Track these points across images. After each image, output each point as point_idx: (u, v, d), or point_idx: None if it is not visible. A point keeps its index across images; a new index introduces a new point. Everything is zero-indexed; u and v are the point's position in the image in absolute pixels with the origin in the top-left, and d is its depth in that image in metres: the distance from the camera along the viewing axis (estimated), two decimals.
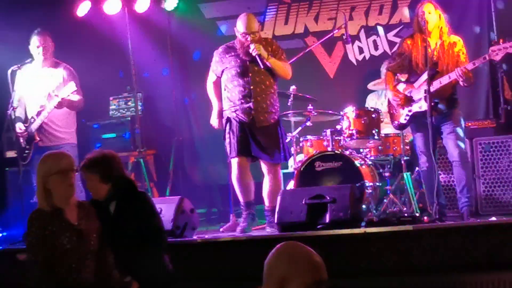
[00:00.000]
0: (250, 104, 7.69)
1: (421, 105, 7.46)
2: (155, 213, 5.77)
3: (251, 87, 7.70)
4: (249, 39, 7.65)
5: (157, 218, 5.76)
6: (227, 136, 7.77)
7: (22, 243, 8.07)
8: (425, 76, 7.38)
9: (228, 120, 7.79)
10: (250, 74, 7.69)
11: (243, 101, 7.72)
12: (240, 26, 7.75)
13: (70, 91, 8.10)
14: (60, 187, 5.03)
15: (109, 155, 5.67)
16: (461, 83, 7.33)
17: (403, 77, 7.94)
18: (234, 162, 7.73)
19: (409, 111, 7.58)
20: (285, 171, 8.71)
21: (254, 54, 7.61)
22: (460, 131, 7.44)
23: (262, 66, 7.66)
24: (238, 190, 7.79)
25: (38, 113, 8.28)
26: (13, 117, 8.31)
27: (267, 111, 7.78)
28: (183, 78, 11.12)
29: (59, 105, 8.17)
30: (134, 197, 5.66)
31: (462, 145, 7.46)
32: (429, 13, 7.43)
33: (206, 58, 8.51)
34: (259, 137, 7.73)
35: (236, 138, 7.68)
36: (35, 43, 8.39)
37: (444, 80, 7.31)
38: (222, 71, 7.86)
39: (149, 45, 10.85)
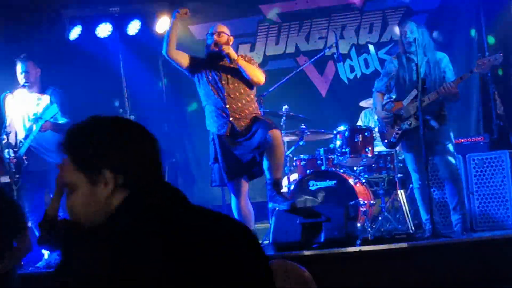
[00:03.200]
0: (227, 113, 7.42)
1: (410, 122, 7.49)
2: None
3: (224, 94, 7.44)
4: (215, 38, 7.53)
5: None
6: (213, 161, 7.54)
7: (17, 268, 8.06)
8: (413, 94, 7.41)
9: (212, 141, 7.58)
10: (223, 82, 7.46)
11: (219, 113, 7.46)
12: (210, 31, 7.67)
13: (53, 114, 8.07)
14: None
15: None
16: (448, 98, 7.40)
17: (393, 96, 7.98)
18: (230, 187, 7.63)
19: (399, 129, 7.61)
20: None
21: (223, 53, 7.42)
22: (450, 148, 7.47)
23: (230, 62, 7.42)
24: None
25: (26, 137, 8.26)
26: (5, 142, 8.30)
27: (248, 118, 7.46)
28: (176, 99, 11.15)
29: (44, 128, 8.15)
30: None
31: (453, 162, 7.48)
32: (411, 32, 7.47)
33: None
34: (241, 142, 7.42)
35: (223, 163, 7.45)
36: (18, 70, 8.39)
37: (432, 96, 7.34)
38: (196, 70, 7.64)
39: (141, 68, 10.86)
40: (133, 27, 10.24)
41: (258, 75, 7.48)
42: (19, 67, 8.37)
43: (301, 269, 3.04)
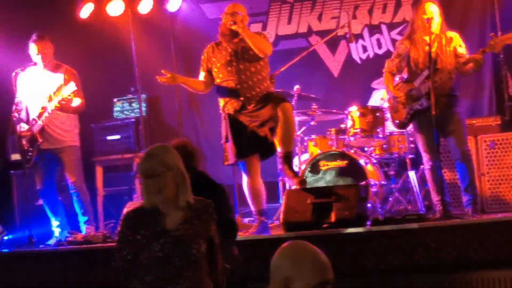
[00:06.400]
0: (238, 92, 7.46)
1: (421, 103, 7.45)
2: (229, 206, 5.71)
3: (236, 75, 7.48)
4: (229, 18, 7.55)
5: (231, 212, 5.71)
6: (225, 140, 7.57)
7: (27, 245, 8.10)
8: (424, 74, 7.37)
9: (224, 120, 7.60)
10: (234, 64, 7.51)
11: (231, 91, 7.51)
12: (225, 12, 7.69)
13: (71, 91, 8.06)
14: (148, 190, 4.49)
15: (191, 144, 5.63)
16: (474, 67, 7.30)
17: (404, 76, 7.94)
18: (242, 166, 7.64)
19: (410, 109, 7.57)
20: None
21: (229, 25, 7.46)
22: (462, 129, 7.44)
23: (234, 24, 7.42)
24: (248, 198, 7.62)
25: (40, 115, 8.26)
26: (17, 120, 8.32)
27: (259, 96, 7.50)
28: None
29: (60, 107, 8.14)
30: (211, 189, 5.60)
31: (464, 143, 7.45)
32: (433, 13, 7.41)
33: None
34: (252, 115, 7.46)
35: (234, 141, 7.47)
36: (32, 48, 8.37)
37: (445, 75, 7.30)
38: (210, 69, 7.72)
39: (152, 46, 10.84)
40: (145, 6, 10.22)
41: (264, 45, 7.50)
42: (32, 45, 8.37)
43: (319, 254, 3.03)
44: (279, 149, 7.40)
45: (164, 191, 4.46)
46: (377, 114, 8.43)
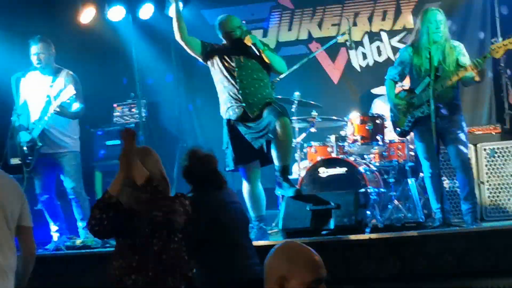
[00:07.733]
0: (240, 98, 7.48)
1: (423, 110, 7.43)
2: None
3: (237, 81, 7.50)
4: (242, 31, 7.59)
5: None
6: (226, 146, 7.59)
7: None
8: (426, 82, 7.35)
9: (226, 126, 7.62)
10: (237, 70, 7.52)
11: (232, 98, 7.52)
12: (228, 24, 7.70)
13: (69, 95, 8.04)
14: None
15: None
16: (476, 77, 7.27)
17: (406, 84, 7.94)
18: (242, 172, 7.64)
19: (412, 117, 7.56)
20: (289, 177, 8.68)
21: (250, 44, 7.50)
22: (462, 137, 7.41)
23: (258, 53, 7.50)
24: (248, 204, 7.60)
25: (40, 119, 8.25)
26: (17, 124, 8.30)
27: (261, 103, 7.52)
28: (187, 84, 11.13)
29: (59, 111, 8.13)
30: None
31: (465, 151, 7.43)
32: (438, 21, 7.39)
33: None
34: (251, 126, 7.48)
35: (234, 147, 7.50)
36: (33, 51, 8.37)
37: (461, 73, 7.26)
38: (209, 52, 7.73)
39: (153, 52, 10.85)
40: (146, 11, 10.22)
41: (282, 65, 7.67)
42: (32, 49, 8.37)
43: (312, 252, 3.06)
44: (276, 163, 7.40)
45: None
46: (377, 121, 8.42)
